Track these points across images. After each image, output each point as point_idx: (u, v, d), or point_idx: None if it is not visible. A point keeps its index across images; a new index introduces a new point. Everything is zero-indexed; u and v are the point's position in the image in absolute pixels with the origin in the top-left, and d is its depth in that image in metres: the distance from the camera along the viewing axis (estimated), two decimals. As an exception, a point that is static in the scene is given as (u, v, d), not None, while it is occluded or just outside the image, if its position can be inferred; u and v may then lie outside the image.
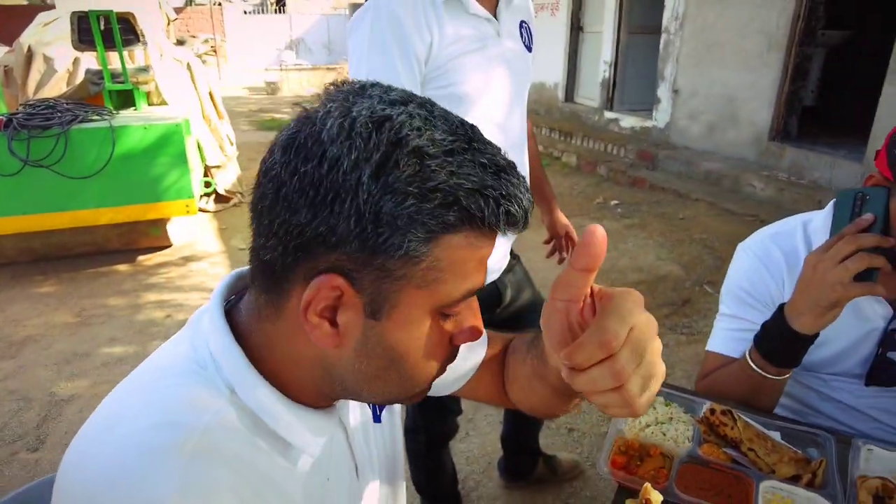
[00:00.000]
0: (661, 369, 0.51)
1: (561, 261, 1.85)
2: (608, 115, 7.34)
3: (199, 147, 4.74)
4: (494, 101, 1.40)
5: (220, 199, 5.27)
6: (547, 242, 1.87)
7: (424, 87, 1.34)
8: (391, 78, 1.26)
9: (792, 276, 1.18)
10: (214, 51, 15.74)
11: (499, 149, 0.54)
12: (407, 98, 0.52)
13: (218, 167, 5.13)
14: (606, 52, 7.21)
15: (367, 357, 0.56)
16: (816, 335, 1.05)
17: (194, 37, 18.58)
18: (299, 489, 0.60)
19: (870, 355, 1.18)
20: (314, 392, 0.61)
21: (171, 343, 0.63)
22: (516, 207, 0.51)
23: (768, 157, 5.50)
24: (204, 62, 16.11)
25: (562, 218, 1.83)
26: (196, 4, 18.93)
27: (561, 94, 8.20)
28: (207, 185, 4.93)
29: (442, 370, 0.61)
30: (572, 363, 0.48)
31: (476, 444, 2.40)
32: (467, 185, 0.49)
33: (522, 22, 1.48)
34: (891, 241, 0.96)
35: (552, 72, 8.27)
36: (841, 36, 6.53)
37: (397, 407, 0.85)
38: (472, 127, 0.53)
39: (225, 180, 5.27)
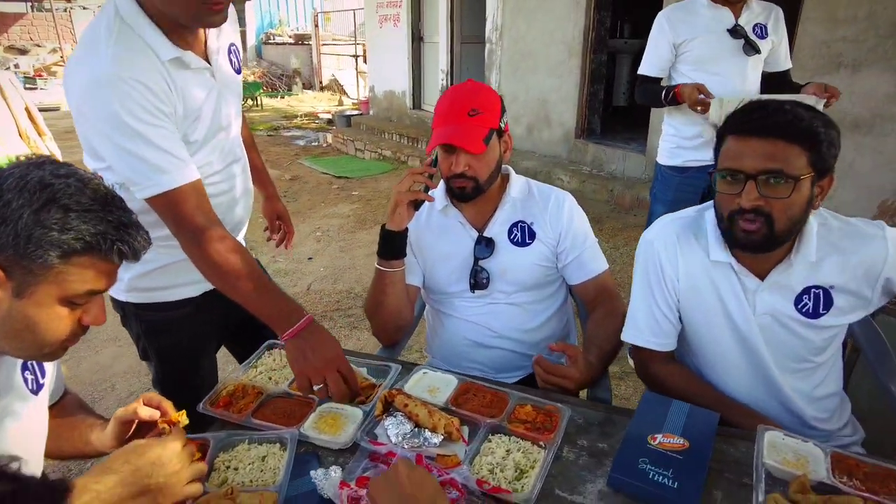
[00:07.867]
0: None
1: (278, 244, 2.11)
2: (449, 119, 7.80)
3: (9, 165, 4.59)
4: (223, 130, 1.55)
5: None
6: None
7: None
8: (164, 138, 1.30)
9: None
10: (64, 60, 14.76)
11: (130, 213, 0.92)
12: (71, 173, 0.87)
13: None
14: (442, 60, 7.68)
15: (10, 322, 0.87)
16: (403, 231, 1.53)
17: (39, 46, 17.33)
18: None
19: (471, 268, 1.62)
20: None
21: None
22: (127, 248, 0.89)
23: (576, 153, 6.16)
24: (53, 73, 15.08)
25: (277, 205, 2.08)
26: (43, 10, 17.62)
27: (409, 101, 8.57)
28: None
29: (72, 340, 0.93)
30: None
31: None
32: (93, 230, 0.85)
33: (232, 45, 1.60)
34: (432, 171, 1.52)
35: (399, 80, 8.64)
36: (624, 43, 7.38)
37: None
38: (115, 196, 0.91)
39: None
